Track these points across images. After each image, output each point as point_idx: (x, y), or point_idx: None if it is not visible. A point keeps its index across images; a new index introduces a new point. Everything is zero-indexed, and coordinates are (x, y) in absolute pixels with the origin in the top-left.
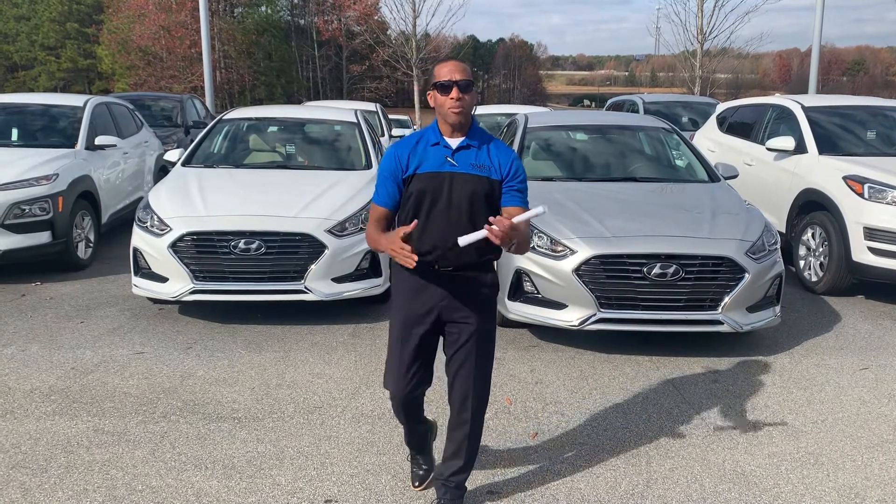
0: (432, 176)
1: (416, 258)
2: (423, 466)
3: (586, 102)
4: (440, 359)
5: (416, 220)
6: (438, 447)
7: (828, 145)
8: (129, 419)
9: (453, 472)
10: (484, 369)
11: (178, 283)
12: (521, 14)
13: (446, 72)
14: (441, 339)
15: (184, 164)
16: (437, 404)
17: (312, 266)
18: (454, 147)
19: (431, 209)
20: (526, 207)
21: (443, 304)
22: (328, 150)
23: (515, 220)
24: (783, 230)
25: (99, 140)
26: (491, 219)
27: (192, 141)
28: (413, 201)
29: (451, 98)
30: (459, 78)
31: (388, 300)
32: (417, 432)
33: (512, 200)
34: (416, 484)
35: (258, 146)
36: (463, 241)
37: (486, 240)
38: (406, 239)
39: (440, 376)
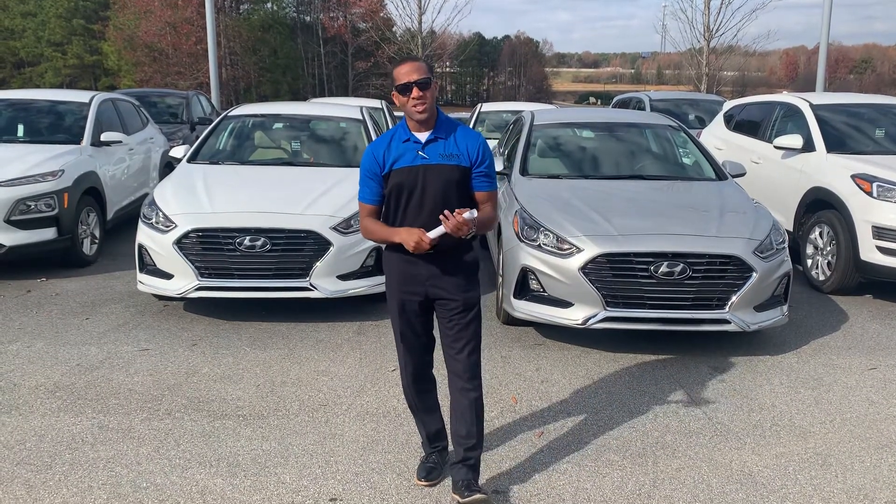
0: (407, 171)
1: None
2: (433, 463)
3: (592, 100)
4: (438, 361)
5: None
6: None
7: (836, 143)
8: (133, 416)
9: (468, 447)
10: (476, 340)
11: (184, 280)
12: (529, 11)
13: (404, 73)
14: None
15: (189, 161)
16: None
17: (318, 263)
18: (423, 141)
19: (409, 201)
20: (493, 191)
21: (429, 283)
22: (334, 147)
23: (465, 216)
24: (791, 229)
25: (104, 136)
26: (446, 212)
27: (197, 137)
28: (393, 195)
29: (413, 98)
30: (417, 78)
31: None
32: (434, 421)
33: (480, 185)
34: (422, 478)
35: (263, 143)
36: (431, 235)
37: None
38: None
39: (442, 375)
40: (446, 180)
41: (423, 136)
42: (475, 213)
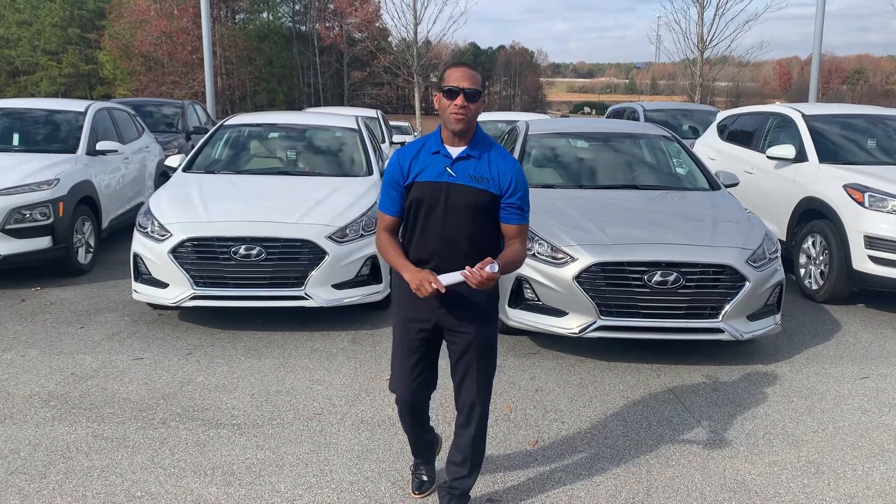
0: (430, 185)
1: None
2: (425, 476)
3: (587, 110)
4: (444, 365)
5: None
6: (441, 456)
7: (828, 154)
8: (128, 425)
9: (457, 477)
10: (485, 378)
11: (179, 289)
12: (524, 21)
13: (455, 77)
14: (445, 343)
15: (185, 170)
16: (437, 412)
17: (313, 272)
18: (454, 157)
19: (428, 218)
20: (525, 224)
21: (440, 313)
22: (329, 157)
23: (487, 270)
24: (784, 238)
25: (100, 145)
26: (468, 269)
27: (192, 147)
28: (412, 210)
29: (456, 104)
30: (467, 86)
31: (389, 306)
32: (424, 441)
33: (509, 218)
34: (416, 492)
35: (259, 152)
36: (445, 281)
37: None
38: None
39: (444, 384)
40: (471, 204)
41: (455, 151)
42: (496, 266)
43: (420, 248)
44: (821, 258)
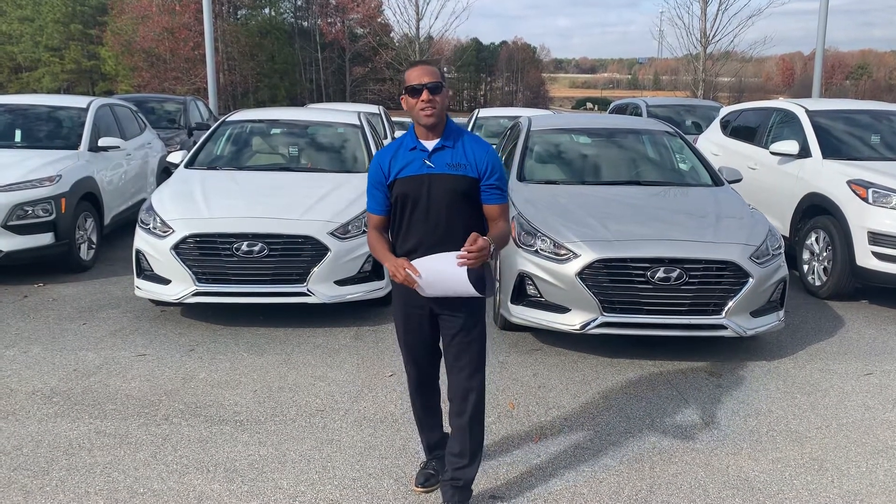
0: (412, 179)
1: (413, 282)
2: (433, 470)
3: (589, 105)
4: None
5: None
6: None
7: (832, 149)
8: (130, 421)
9: (458, 468)
10: (476, 364)
11: (181, 285)
12: (527, 16)
13: (415, 76)
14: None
15: (187, 166)
16: None
17: (315, 268)
18: (430, 149)
19: (413, 210)
20: (505, 203)
21: (432, 299)
22: (331, 153)
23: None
24: (787, 234)
25: (102, 142)
26: (460, 253)
27: (195, 143)
28: (398, 205)
29: (422, 101)
30: (428, 81)
31: (391, 303)
32: (435, 434)
33: (491, 198)
34: (421, 486)
35: (261, 148)
36: (420, 267)
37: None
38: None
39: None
40: (452, 191)
41: (430, 145)
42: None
43: (407, 239)
44: (824, 254)
